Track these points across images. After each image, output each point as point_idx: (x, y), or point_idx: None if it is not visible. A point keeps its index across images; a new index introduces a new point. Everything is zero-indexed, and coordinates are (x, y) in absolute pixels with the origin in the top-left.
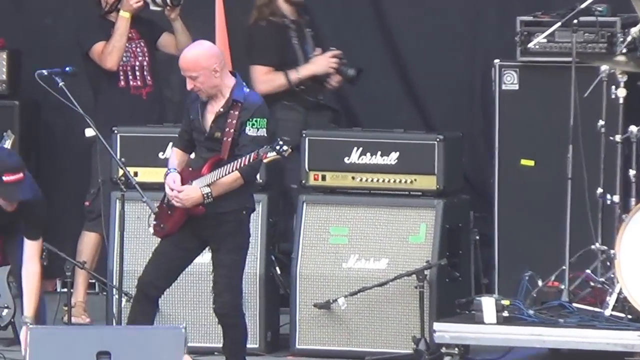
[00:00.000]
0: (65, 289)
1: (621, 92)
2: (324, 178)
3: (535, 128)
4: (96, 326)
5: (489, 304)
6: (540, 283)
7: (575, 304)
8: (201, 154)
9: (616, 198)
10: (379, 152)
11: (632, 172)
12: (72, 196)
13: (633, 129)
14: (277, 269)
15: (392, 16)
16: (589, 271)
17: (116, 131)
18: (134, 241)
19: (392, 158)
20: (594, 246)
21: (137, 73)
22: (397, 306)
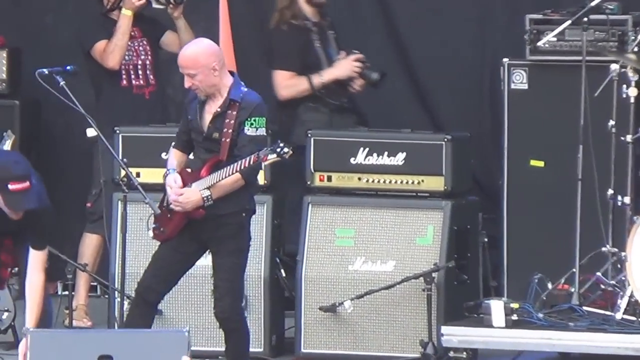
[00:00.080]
0: (67, 292)
1: (632, 92)
2: (329, 179)
3: (544, 128)
4: (98, 330)
5: (497, 307)
6: (550, 286)
7: (586, 307)
8: (200, 155)
9: (627, 199)
10: (386, 153)
11: None
12: (73, 197)
13: None
14: (282, 271)
15: (399, 15)
16: (599, 274)
17: (118, 131)
18: (136, 243)
19: (399, 159)
20: (604, 248)
21: (140, 72)
22: (404, 309)
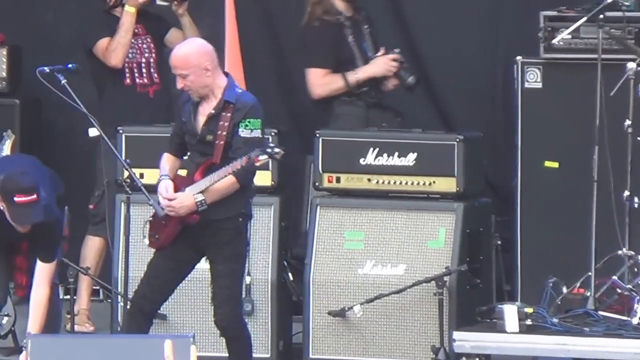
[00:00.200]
0: (68, 296)
1: None
2: (338, 180)
3: (559, 128)
4: (100, 335)
5: (511, 312)
6: (564, 290)
7: (601, 312)
8: (193, 159)
9: None
10: (396, 153)
11: None
12: (75, 199)
13: None
14: (289, 275)
15: (410, 12)
16: (615, 277)
17: (121, 131)
18: (140, 246)
19: (410, 159)
20: (620, 251)
21: (144, 70)
22: (415, 314)
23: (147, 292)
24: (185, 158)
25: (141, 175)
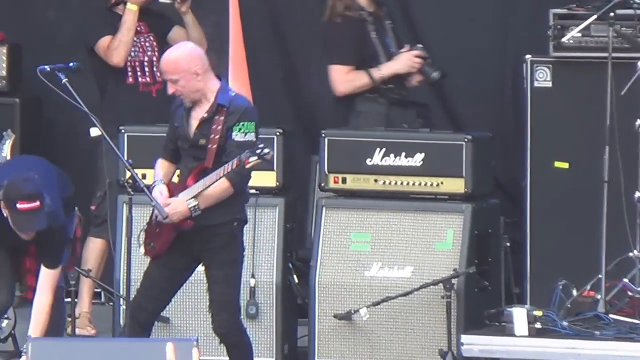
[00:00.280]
0: (69, 299)
1: None
2: (344, 181)
3: (569, 128)
4: (102, 338)
5: (520, 315)
6: (574, 293)
7: (612, 315)
8: (186, 164)
9: None
10: (403, 153)
11: None
12: (77, 200)
13: None
14: (294, 277)
15: (419, 11)
16: (626, 280)
17: (123, 130)
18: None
19: (417, 159)
20: (631, 253)
21: (146, 69)
22: (423, 317)
23: (143, 302)
24: None
25: (143, 176)
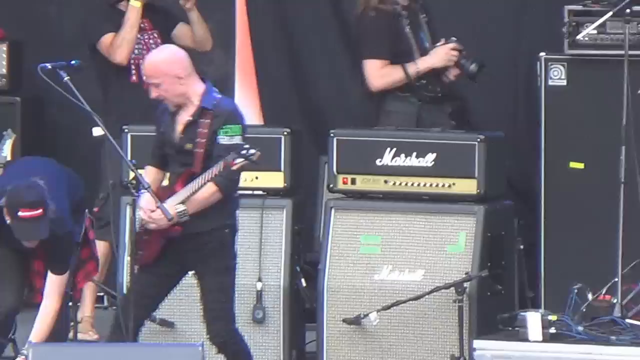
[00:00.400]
0: (71, 303)
1: None
2: (353, 182)
3: (584, 127)
4: (104, 344)
5: (534, 320)
6: (590, 297)
7: (629, 320)
8: (174, 170)
9: None
10: (414, 154)
11: None
12: None
13: None
14: (302, 281)
15: (431, 7)
16: None
17: (127, 130)
18: None
19: (429, 160)
20: None
21: None
22: (434, 322)
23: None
24: None
25: None
